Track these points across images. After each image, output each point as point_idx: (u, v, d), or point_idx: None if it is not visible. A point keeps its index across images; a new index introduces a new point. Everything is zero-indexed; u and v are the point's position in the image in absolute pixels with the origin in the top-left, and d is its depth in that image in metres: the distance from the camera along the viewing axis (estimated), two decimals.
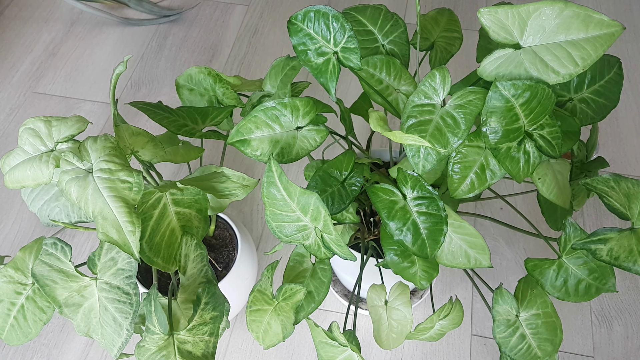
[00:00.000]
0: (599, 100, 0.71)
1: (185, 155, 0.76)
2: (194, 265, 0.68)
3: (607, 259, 0.61)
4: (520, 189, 1.17)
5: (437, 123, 0.61)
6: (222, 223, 0.95)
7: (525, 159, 0.63)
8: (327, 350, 0.66)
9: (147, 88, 1.40)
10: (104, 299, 0.62)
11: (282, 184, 0.60)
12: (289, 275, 0.73)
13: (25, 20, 1.57)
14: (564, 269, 0.68)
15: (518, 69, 0.60)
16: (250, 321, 0.70)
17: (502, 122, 0.60)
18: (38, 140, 0.64)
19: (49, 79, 1.43)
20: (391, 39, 0.76)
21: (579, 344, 1.00)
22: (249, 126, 0.64)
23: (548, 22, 0.58)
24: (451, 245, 0.66)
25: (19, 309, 0.67)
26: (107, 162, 0.59)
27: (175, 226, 0.68)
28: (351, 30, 0.61)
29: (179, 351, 0.61)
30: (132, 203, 0.57)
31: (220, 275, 0.89)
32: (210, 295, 0.63)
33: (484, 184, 0.65)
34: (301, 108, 0.64)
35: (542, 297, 0.68)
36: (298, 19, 0.63)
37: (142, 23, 1.54)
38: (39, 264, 0.64)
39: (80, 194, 0.57)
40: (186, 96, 0.83)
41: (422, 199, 0.63)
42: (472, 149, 0.65)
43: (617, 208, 0.64)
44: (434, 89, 0.63)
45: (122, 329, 0.61)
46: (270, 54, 1.47)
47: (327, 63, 0.63)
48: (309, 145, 0.66)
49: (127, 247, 0.57)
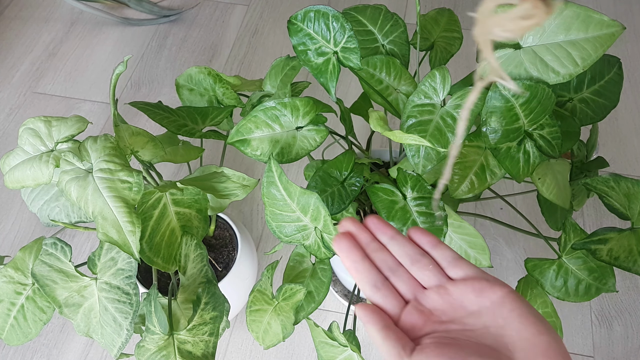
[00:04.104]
0: (599, 100, 0.71)
1: (185, 155, 0.76)
2: (194, 265, 0.67)
3: (607, 259, 0.61)
4: (520, 189, 1.17)
5: (437, 123, 0.61)
6: (222, 223, 0.95)
7: (525, 159, 0.63)
8: (327, 350, 0.66)
9: (147, 88, 1.40)
10: (104, 299, 0.62)
11: (282, 184, 0.60)
12: (289, 275, 0.73)
13: (25, 20, 1.57)
14: (564, 269, 0.68)
15: (518, 69, 0.60)
16: (250, 321, 0.70)
17: (502, 122, 0.60)
18: (38, 140, 0.64)
19: (49, 79, 1.43)
20: (391, 39, 0.76)
21: (579, 344, 1.00)
22: (248, 126, 0.64)
23: (548, 22, 0.58)
24: (451, 245, 0.66)
25: (19, 309, 0.67)
26: (107, 162, 0.59)
27: (175, 226, 0.68)
28: (351, 30, 0.61)
29: (179, 351, 0.61)
30: (132, 203, 0.57)
31: (220, 275, 0.88)
32: (210, 295, 0.63)
33: (484, 184, 0.65)
34: (301, 108, 0.64)
35: (542, 297, 0.68)
36: (298, 19, 0.63)
37: (142, 23, 1.54)
38: (39, 264, 0.64)
39: (80, 194, 0.57)
40: (186, 96, 0.83)
41: (422, 199, 0.63)
42: (472, 149, 0.65)
43: (617, 208, 0.64)
44: (434, 89, 0.63)
45: (122, 329, 0.61)
46: (270, 54, 1.47)
47: (327, 63, 0.63)
48: (309, 145, 0.66)
49: (127, 247, 0.57)
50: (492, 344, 0.34)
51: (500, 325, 0.34)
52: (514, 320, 0.34)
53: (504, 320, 0.34)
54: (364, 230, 0.40)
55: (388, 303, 0.37)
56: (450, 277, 0.38)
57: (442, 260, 0.39)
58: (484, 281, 0.36)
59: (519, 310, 0.34)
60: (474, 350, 0.33)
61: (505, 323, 0.34)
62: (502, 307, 0.35)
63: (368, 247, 0.40)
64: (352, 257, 0.39)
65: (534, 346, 0.33)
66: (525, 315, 0.34)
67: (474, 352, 0.33)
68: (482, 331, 0.34)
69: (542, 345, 0.33)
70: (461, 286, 0.37)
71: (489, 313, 0.35)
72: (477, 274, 0.37)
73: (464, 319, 0.36)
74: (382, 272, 0.39)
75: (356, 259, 0.39)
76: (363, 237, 0.40)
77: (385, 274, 0.39)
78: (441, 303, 0.37)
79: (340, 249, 0.39)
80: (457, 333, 0.35)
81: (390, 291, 0.38)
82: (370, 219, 0.41)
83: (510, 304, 0.35)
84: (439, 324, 0.36)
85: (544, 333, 0.33)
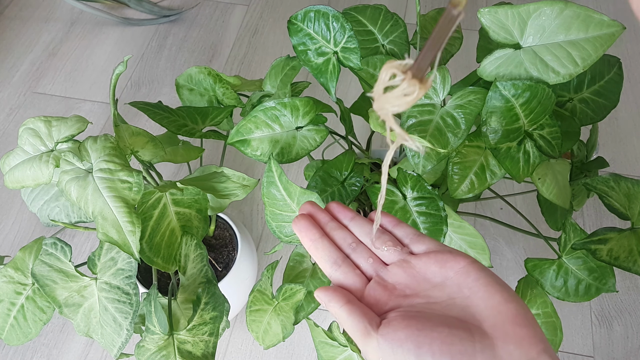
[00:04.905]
0: (599, 100, 0.71)
1: (185, 155, 0.76)
2: (194, 265, 0.67)
3: (607, 259, 0.61)
4: (520, 189, 1.17)
5: (437, 123, 0.61)
6: (222, 223, 0.94)
7: (525, 159, 0.63)
8: (327, 350, 0.66)
9: (147, 88, 1.40)
10: (104, 299, 0.62)
11: (282, 184, 0.60)
12: (289, 275, 0.73)
13: (25, 20, 1.57)
14: (564, 269, 0.68)
15: (518, 69, 0.60)
16: (250, 321, 0.70)
17: (502, 122, 0.60)
18: (38, 140, 0.64)
19: (49, 78, 1.43)
20: (391, 39, 0.76)
21: (579, 344, 1.00)
22: (248, 126, 0.64)
23: (548, 22, 0.58)
24: (451, 245, 0.66)
25: (19, 309, 0.67)
26: (107, 162, 0.59)
27: (175, 226, 0.68)
28: (351, 30, 0.61)
29: (178, 351, 0.61)
30: (132, 203, 0.57)
31: (220, 275, 0.88)
32: (210, 295, 0.63)
33: (484, 184, 0.65)
34: (301, 108, 0.64)
35: (542, 297, 0.68)
36: (298, 19, 0.63)
37: (142, 23, 1.54)
38: (38, 264, 0.64)
39: (80, 194, 0.57)
40: (186, 96, 0.83)
41: (422, 199, 0.63)
42: (472, 149, 0.65)
43: (617, 208, 0.64)
44: (434, 89, 0.63)
45: (122, 329, 0.61)
46: (270, 54, 1.47)
47: (327, 63, 0.63)
48: (309, 145, 0.66)
49: (127, 247, 0.57)
50: (458, 314, 0.33)
51: (466, 295, 0.34)
52: (480, 290, 0.34)
53: (470, 290, 0.34)
54: (323, 212, 0.40)
55: (349, 279, 0.37)
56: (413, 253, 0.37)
57: (404, 237, 0.38)
58: (446, 253, 0.36)
59: (484, 280, 0.34)
60: (442, 322, 0.32)
61: (470, 293, 0.34)
62: (467, 276, 0.34)
63: (327, 226, 0.39)
64: (310, 235, 0.38)
65: (501, 314, 0.32)
66: (491, 283, 0.34)
67: (441, 323, 0.32)
68: (448, 302, 0.34)
69: (510, 312, 0.32)
70: (424, 259, 0.36)
71: (454, 284, 0.35)
72: (439, 247, 0.37)
73: (428, 291, 0.35)
74: (342, 250, 0.38)
75: (314, 237, 0.38)
76: (322, 217, 0.40)
77: (346, 251, 0.38)
78: (404, 277, 0.36)
79: (298, 228, 0.39)
80: (422, 306, 0.34)
81: (351, 268, 0.37)
82: (331, 203, 0.41)
83: (475, 274, 0.34)
84: (403, 297, 0.35)
85: (510, 301, 0.33)
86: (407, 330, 0.32)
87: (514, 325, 0.32)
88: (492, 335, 0.32)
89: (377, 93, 0.31)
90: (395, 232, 0.39)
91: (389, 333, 0.32)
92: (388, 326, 0.33)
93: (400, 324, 0.32)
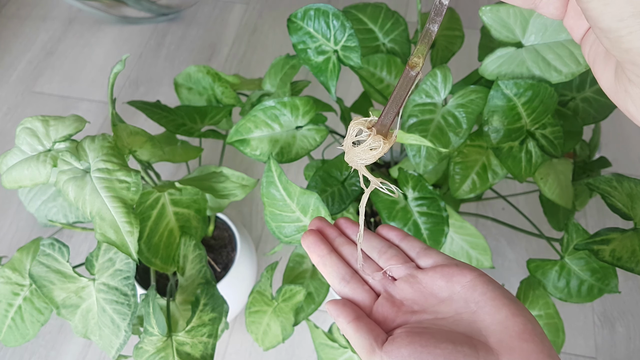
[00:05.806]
0: (602, 100, 0.70)
1: (183, 154, 0.75)
2: (193, 266, 0.67)
3: (610, 259, 0.60)
4: (522, 189, 1.16)
5: (439, 122, 0.61)
6: (221, 223, 0.94)
7: (527, 159, 0.63)
8: (327, 351, 0.65)
9: (145, 87, 1.40)
10: (102, 300, 0.62)
11: (281, 184, 0.59)
12: (288, 276, 0.73)
13: (22, 18, 1.56)
14: (566, 270, 0.67)
15: (520, 68, 0.59)
16: (249, 322, 0.69)
17: (504, 121, 0.59)
18: (35, 139, 0.63)
19: (47, 78, 1.42)
20: (392, 38, 0.75)
21: (582, 345, 0.99)
22: (248, 125, 0.63)
23: (550, 21, 0.58)
24: (452, 245, 0.66)
25: (17, 310, 0.67)
26: (105, 161, 0.58)
27: (173, 226, 0.68)
28: (351, 29, 0.60)
29: (177, 353, 0.60)
30: (130, 203, 0.57)
31: (219, 276, 0.88)
32: (209, 297, 0.63)
33: (486, 184, 0.64)
34: (301, 107, 0.64)
35: (544, 298, 0.67)
36: (298, 17, 0.62)
37: (141, 22, 1.54)
38: (36, 265, 0.63)
39: (78, 194, 0.57)
40: (185, 95, 0.82)
41: (423, 199, 0.62)
42: (473, 148, 0.64)
43: (619, 208, 0.63)
44: (435, 88, 0.62)
45: (120, 330, 0.61)
46: (270, 52, 1.46)
47: (327, 62, 0.63)
48: (308, 145, 0.65)
49: (125, 248, 0.56)
50: (465, 330, 0.33)
51: (473, 310, 0.33)
52: (487, 304, 0.33)
53: (476, 305, 0.33)
54: (332, 227, 0.40)
55: (358, 295, 0.37)
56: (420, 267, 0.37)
57: (410, 250, 0.38)
58: (453, 266, 0.36)
59: (491, 293, 0.34)
60: (446, 338, 0.32)
61: (477, 308, 0.33)
62: (474, 290, 0.34)
63: (335, 241, 0.40)
64: (318, 252, 0.39)
65: (508, 329, 0.32)
66: (498, 297, 0.33)
67: (445, 339, 0.32)
68: (455, 318, 0.34)
69: (516, 327, 0.32)
70: (430, 273, 0.36)
71: (461, 299, 0.34)
72: (446, 261, 0.37)
73: (436, 307, 0.35)
74: (350, 266, 0.38)
75: (323, 253, 0.39)
76: (330, 233, 0.40)
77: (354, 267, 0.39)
78: (411, 292, 0.36)
79: (307, 244, 0.39)
80: (429, 322, 0.34)
81: (360, 284, 0.37)
82: (340, 219, 0.41)
83: (482, 287, 0.34)
84: (410, 314, 0.35)
85: (518, 315, 0.32)
86: (410, 347, 0.32)
87: (520, 340, 0.31)
88: (498, 351, 0.31)
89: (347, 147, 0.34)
90: (402, 246, 0.39)
91: (392, 350, 0.32)
92: (392, 343, 0.33)
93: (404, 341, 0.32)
